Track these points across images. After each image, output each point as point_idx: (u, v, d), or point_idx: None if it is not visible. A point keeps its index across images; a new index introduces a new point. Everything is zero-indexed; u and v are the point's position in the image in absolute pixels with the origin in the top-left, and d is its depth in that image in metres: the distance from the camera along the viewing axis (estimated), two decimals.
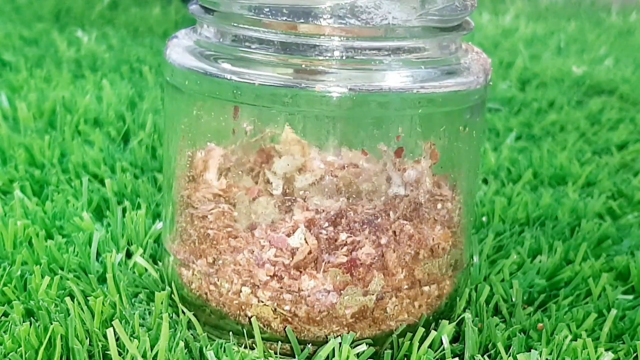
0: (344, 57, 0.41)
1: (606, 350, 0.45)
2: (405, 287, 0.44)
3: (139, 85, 0.84)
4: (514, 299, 0.49)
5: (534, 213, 0.61)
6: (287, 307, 0.43)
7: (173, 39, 0.46)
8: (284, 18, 0.41)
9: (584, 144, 0.79)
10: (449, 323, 0.44)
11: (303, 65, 0.41)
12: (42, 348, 0.41)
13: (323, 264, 0.42)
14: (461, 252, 0.47)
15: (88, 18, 1.11)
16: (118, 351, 0.42)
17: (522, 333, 0.46)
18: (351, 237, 0.42)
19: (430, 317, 0.46)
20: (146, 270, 0.50)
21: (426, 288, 0.45)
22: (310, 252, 0.42)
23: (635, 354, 0.45)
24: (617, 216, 0.63)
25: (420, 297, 0.45)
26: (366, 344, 0.43)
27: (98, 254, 0.52)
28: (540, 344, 0.45)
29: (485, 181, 0.67)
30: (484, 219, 0.60)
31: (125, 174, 0.62)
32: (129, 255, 0.52)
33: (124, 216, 0.55)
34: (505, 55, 1.08)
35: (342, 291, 0.43)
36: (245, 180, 0.44)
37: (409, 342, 0.43)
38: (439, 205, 0.45)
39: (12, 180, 0.60)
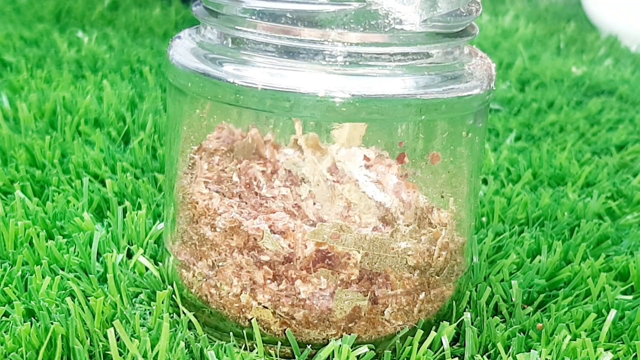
0: (347, 63, 0.41)
1: (605, 350, 0.45)
2: (404, 293, 0.44)
3: (139, 85, 0.84)
4: (513, 299, 0.49)
5: (534, 213, 0.61)
6: (285, 310, 0.43)
7: (176, 40, 0.45)
8: (288, 22, 0.40)
9: (584, 144, 0.79)
10: (449, 324, 0.45)
11: (306, 70, 0.41)
12: (42, 348, 0.41)
13: (321, 269, 0.42)
14: (462, 258, 0.47)
15: (88, 19, 1.11)
16: (119, 351, 0.42)
17: (521, 333, 0.46)
18: (349, 244, 0.42)
19: (432, 320, 0.46)
20: (147, 270, 0.50)
21: (425, 294, 0.45)
22: (308, 257, 0.42)
23: (634, 354, 0.45)
24: (616, 216, 0.63)
25: (419, 303, 0.45)
26: (367, 347, 0.43)
27: (99, 254, 0.52)
28: (540, 344, 0.45)
29: (485, 181, 0.67)
30: (483, 219, 0.60)
31: (125, 174, 0.62)
32: (129, 255, 0.52)
33: (124, 216, 0.55)
34: (504, 55, 1.08)
35: (339, 296, 0.43)
36: (246, 181, 0.44)
37: (409, 344, 0.43)
38: (440, 214, 0.44)
39: (13, 181, 0.60)
